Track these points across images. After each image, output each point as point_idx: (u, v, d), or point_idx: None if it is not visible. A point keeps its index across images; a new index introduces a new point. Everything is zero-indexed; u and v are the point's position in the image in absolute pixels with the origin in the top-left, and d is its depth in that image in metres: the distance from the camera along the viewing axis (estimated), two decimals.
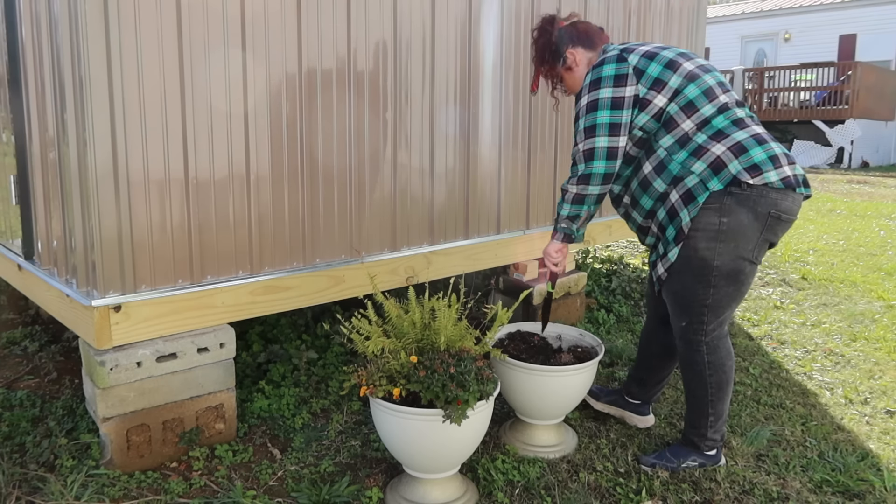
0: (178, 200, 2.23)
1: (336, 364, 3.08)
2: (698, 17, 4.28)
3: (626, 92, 2.13)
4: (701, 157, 2.10)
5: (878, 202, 9.09)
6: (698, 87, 2.13)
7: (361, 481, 2.25)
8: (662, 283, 2.25)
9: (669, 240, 2.18)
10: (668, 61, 2.15)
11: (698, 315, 2.19)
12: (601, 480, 2.28)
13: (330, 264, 2.65)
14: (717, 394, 2.26)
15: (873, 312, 4.18)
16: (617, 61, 2.16)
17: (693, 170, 2.10)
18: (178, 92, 2.17)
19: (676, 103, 2.13)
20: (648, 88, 2.13)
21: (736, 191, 2.06)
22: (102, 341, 2.16)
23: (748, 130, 2.12)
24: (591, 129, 2.14)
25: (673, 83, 2.13)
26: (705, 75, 2.16)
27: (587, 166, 2.16)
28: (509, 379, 2.38)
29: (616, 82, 2.13)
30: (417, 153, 2.88)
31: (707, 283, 2.14)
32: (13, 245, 2.79)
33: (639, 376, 2.62)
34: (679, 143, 2.13)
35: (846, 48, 18.52)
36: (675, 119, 2.13)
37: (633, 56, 2.16)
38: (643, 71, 2.14)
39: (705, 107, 2.13)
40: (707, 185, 2.08)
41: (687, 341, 2.25)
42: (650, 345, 2.57)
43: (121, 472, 2.24)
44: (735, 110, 2.15)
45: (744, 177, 2.05)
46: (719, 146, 2.09)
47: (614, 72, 2.14)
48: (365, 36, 2.62)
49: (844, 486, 2.27)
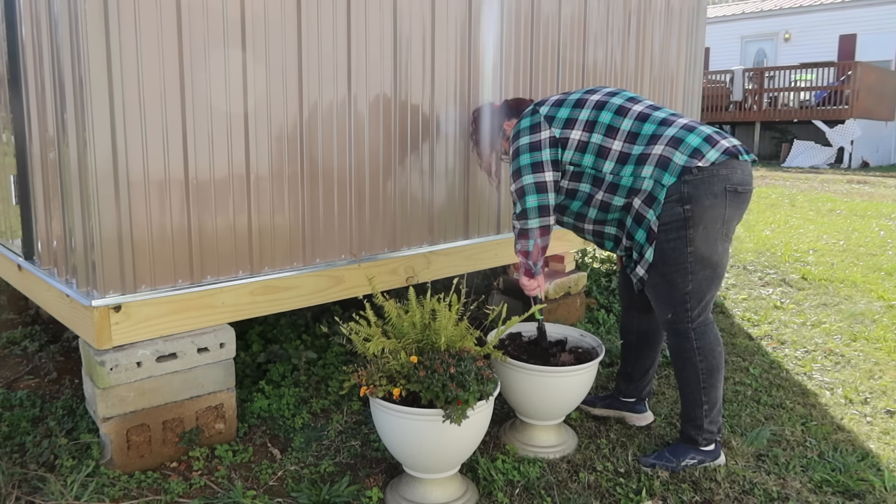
0: (178, 200, 2.23)
1: (336, 364, 3.08)
2: (698, 17, 4.29)
3: (540, 136, 2.35)
4: (646, 162, 2.22)
5: (878, 202, 9.09)
6: (609, 111, 2.31)
7: (361, 481, 2.25)
8: (644, 283, 2.32)
9: (642, 242, 2.28)
10: (574, 101, 2.38)
11: (682, 304, 2.26)
12: (601, 480, 2.28)
13: (330, 264, 2.65)
14: (708, 380, 2.30)
15: (873, 312, 4.18)
16: (531, 115, 2.41)
17: (644, 175, 2.22)
18: (178, 92, 2.17)
19: (598, 133, 2.30)
20: (562, 129, 2.33)
21: (689, 178, 2.16)
22: (102, 341, 2.16)
23: (675, 125, 2.24)
24: (517, 172, 2.36)
25: (583, 117, 2.33)
26: (612, 98, 2.35)
27: (522, 202, 2.34)
28: (509, 379, 2.38)
29: (531, 131, 2.36)
30: (417, 153, 2.88)
31: (685, 271, 2.21)
32: (13, 245, 2.79)
33: (624, 371, 2.68)
34: (620, 162, 2.27)
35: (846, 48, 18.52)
36: (603, 146, 2.29)
37: (543, 108, 2.40)
38: (553, 117, 2.36)
39: (624, 123, 2.28)
40: (662, 182, 2.18)
41: (675, 332, 2.31)
42: (628, 334, 2.65)
43: (121, 472, 2.24)
44: (654, 115, 2.28)
45: (691, 163, 2.15)
46: (658, 146, 2.21)
47: (529, 122, 2.39)
48: (365, 36, 2.62)
49: (844, 486, 2.27)
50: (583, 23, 3.50)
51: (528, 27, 3.23)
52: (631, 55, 3.83)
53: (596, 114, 2.31)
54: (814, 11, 19.18)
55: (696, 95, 4.46)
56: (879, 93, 16.01)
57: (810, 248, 6.02)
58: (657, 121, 2.26)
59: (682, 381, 2.35)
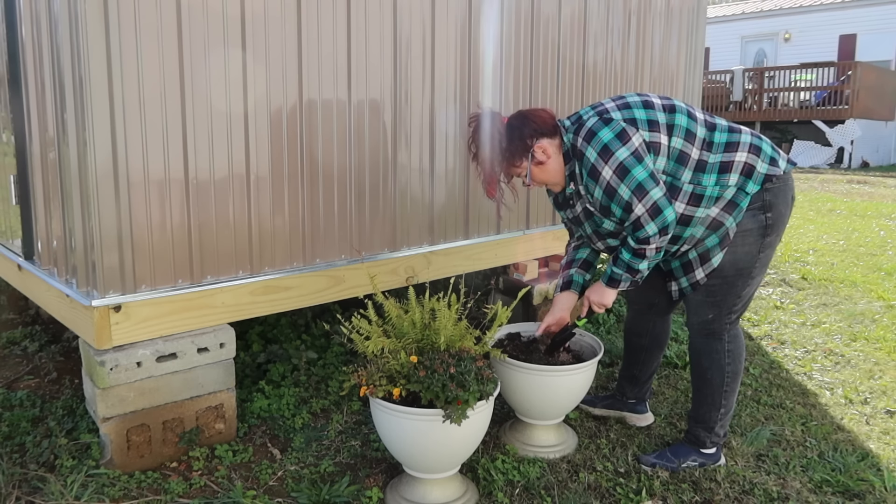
0: (178, 200, 2.23)
1: (336, 364, 3.08)
2: (698, 17, 4.28)
3: (634, 143, 2.07)
4: (731, 170, 2.14)
5: (878, 202, 9.09)
6: (682, 115, 2.15)
7: (361, 481, 2.25)
8: (699, 286, 2.26)
9: (710, 246, 2.19)
10: (643, 103, 2.15)
11: (729, 306, 2.27)
12: (601, 480, 2.28)
13: (330, 264, 2.65)
14: (731, 384, 2.32)
15: (873, 312, 4.18)
16: (605, 123, 2.10)
17: (730, 184, 2.14)
18: (178, 92, 2.17)
19: (678, 137, 2.13)
20: (649, 131, 2.10)
21: (770, 186, 2.16)
22: (102, 341, 2.15)
23: (744, 132, 2.20)
24: (639, 189, 2.04)
25: (662, 119, 2.13)
26: (675, 102, 2.20)
27: (662, 220, 2.05)
28: (509, 379, 2.38)
29: (622, 140, 2.06)
30: (417, 153, 2.88)
31: (748, 276, 2.23)
32: (13, 245, 2.79)
33: (630, 373, 2.66)
34: (700, 171, 2.14)
35: (846, 48, 18.51)
36: (684, 152, 2.13)
37: (613, 113, 2.12)
38: (633, 119, 2.11)
39: (699, 130, 2.16)
40: (746, 190, 2.15)
41: (710, 332, 2.30)
42: (639, 337, 2.61)
43: (121, 472, 2.24)
44: (717, 122, 2.22)
45: (773, 171, 2.15)
46: (740, 154, 2.15)
47: (611, 133, 2.08)
48: (365, 36, 2.62)
49: (844, 486, 2.27)
50: (583, 23, 3.50)
51: (528, 27, 3.23)
52: (631, 55, 3.83)
53: (671, 117, 2.14)
54: (814, 11, 19.17)
55: (696, 95, 4.46)
56: (879, 93, 16.00)
57: (810, 248, 6.02)
58: (725, 129, 2.18)
59: (702, 383, 2.34)
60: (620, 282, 2.21)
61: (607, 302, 2.29)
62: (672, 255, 2.28)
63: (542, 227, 3.47)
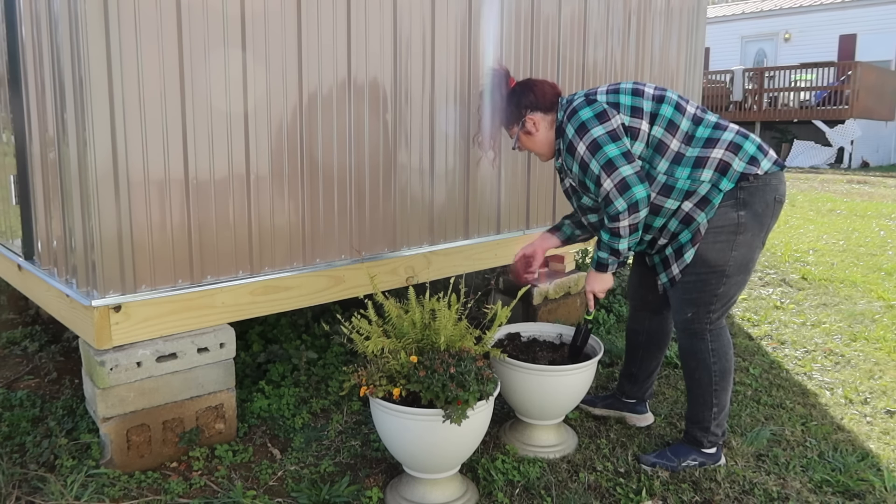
0: (177, 200, 2.23)
1: (336, 364, 3.08)
2: (698, 17, 4.29)
3: (613, 123, 2.17)
4: (705, 166, 2.17)
5: (878, 202, 9.09)
6: (669, 106, 2.22)
7: (361, 481, 2.25)
8: (675, 282, 2.28)
9: (683, 242, 2.23)
10: (632, 90, 2.23)
11: (707, 305, 2.25)
12: (601, 480, 2.28)
13: (330, 264, 2.65)
14: (720, 382, 2.31)
15: (873, 312, 4.18)
16: (588, 104, 2.21)
17: (702, 179, 2.17)
18: (178, 92, 2.17)
19: (659, 126, 2.20)
20: (630, 116, 2.19)
21: (745, 185, 2.16)
22: (102, 341, 2.16)
23: (730, 129, 2.22)
24: (608, 165, 2.13)
25: (647, 108, 2.20)
26: (667, 93, 2.25)
27: (629, 196, 2.12)
28: (509, 379, 2.38)
29: (600, 120, 2.17)
30: (417, 153, 2.88)
31: (721, 274, 2.21)
32: (13, 245, 2.79)
33: (629, 372, 2.66)
34: (675, 163, 2.20)
35: (846, 48, 18.52)
36: (663, 141, 2.20)
37: (599, 95, 2.23)
38: (617, 103, 2.20)
39: (683, 122, 2.21)
40: (719, 187, 2.16)
41: (692, 332, 2.30)
42: (637, 335, 2.62)
43: (121, 472, 2.24)
44: (707, 117, 2.24)
45: (749, 170, 2.16)
46: (717, 150, 2.18)
47: (591, 112, 2.19)
48: (365, 36, 2.62)
49: (844, 486, 2.27)
50: (583, 23, 3.50)
51: (528, 27, 3.23)
52: (631, 55, 3.83)
53: (657, 106, 2.21)
54: (814, 11, 19.18)
55: (696, 95, 4.47)
56: (879, 93, 16.01)
57: (810, 248, 6.02)
58: (710, 125, 2.21)
59: (692, 383, 2.35)
60: (608, 265, 2.29)
61: (604, 287, 2.36)
62: (651, 249, 2.33)
63: (542, 227, 3.47)
